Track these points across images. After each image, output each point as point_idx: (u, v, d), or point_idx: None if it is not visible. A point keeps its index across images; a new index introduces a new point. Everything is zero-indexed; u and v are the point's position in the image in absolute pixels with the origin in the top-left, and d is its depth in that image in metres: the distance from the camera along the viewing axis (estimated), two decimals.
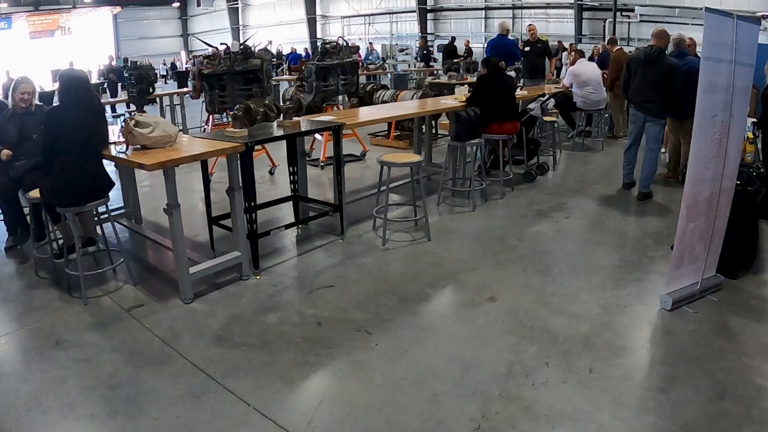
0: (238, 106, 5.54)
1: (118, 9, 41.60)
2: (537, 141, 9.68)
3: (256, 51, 8.30)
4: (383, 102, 12.03)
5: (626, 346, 4.37)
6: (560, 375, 3.99)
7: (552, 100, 9.31)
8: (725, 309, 4.87)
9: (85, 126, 4.96)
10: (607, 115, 12.77)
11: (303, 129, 6.00)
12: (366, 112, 7.94)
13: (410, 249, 6.31)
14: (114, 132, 5.51)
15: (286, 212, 7.23)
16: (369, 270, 5.76)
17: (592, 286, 5.34)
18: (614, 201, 8.08)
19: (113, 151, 5.10)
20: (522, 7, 31.63)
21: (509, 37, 11.95)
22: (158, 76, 29.80)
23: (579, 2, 29.05)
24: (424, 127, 9.04)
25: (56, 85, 6.30)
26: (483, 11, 33.82)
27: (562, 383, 3.90)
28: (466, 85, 10.27)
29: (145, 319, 4.82)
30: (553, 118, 9.91)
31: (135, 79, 11.39)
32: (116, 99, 12.80)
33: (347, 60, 10.14)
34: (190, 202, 6.65)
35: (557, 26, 29.62)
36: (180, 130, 5.37)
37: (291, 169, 6.70)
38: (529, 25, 13.29)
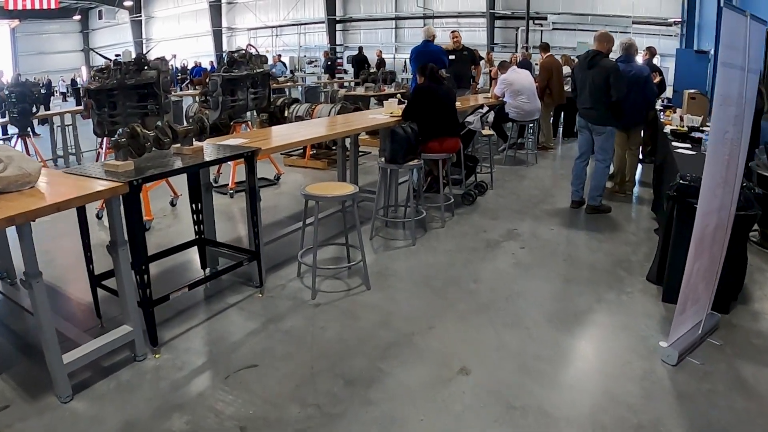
0: (120, 130, 4.21)
1: (16, 22, 39.67)
2: (475, 158, 8.67)
3: (151, 61, 6.95)
4: (298, 118, 10.87)
5: (643, 424, 3.49)
6: None
7: (492, 112, 8.30)
8: (730, 354, 4.26)
9: None
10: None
11: (207, 158, 4.65)
12: (284, 132, 6.69)
13: (347, 303, 5.11)
14: None
15: (191, 258, 5.89)
16: (300, 338, 4.51)
17: (578, 340, 4.55)
18: (567, 222, 7.45)
19: None
20: (433, 17, 31.40)
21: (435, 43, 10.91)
22: (57, 93, 28.26)
23: (491, 11, 29.04)
24: (347, 144, 7.83)
25: None
26: (393, 21, 33.48)
27: None
28: (397, 97, 9.19)
29: (8, 431, 3.46)
30: (491, 132, 8.92)
31: (16, 98, 9.80)
32: None
33: (258, 71, 8.87)
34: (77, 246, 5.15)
35: (469, 35, 29.12)
36: (67, 155, 3.99)
37: (194, 206, 5.37)
38: (453, 31, 12.35)
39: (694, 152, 6.45)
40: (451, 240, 6.67)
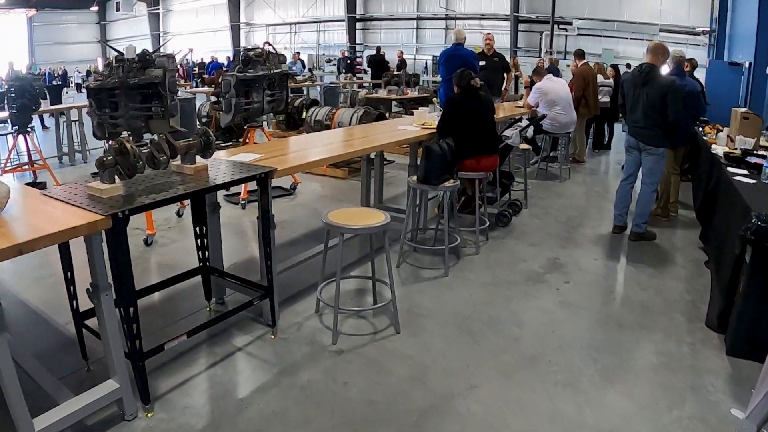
0: (106, 146, 3.49)
1: (33, 12, 39.32)
2: (510, 175, 7.93)
3: (156, 58, 6.24)
4: (316, 122, 10.17)
5: None
6: None
7: (531, 126, 7.57)
8: None
9: None
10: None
11: (213, 180, 3.89)
12: (303, 145, 5.96)
13: (374, 350, 4.36)
14: None
15: (193, 284, 5.05)
16: (319, 397, 3.77)
17: (641, 406, 3.77)
18: (611, 251, 6.76)
19: None
20: (456, 18, 30.71)
21: (465, 46, 10.13)
22: (73, 83, 27.71)
23: (515, 14, 28.29)
24: (372, 156, 7.09)
25: None
26: (415, 21, 32.78)
27: None
28: (434, 102, 8.46)
29: None
30: (527, 146, 8.18)
31: (15, 93, 9.08)
32: None
33: (275, 71, 8.14)
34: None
35: (499, 39, 28.62)
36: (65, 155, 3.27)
37: (198, 229, 4.64)
38: (487, 35, 11.52)
39: (753, 180, 5.69)
40: (488, 270, 5.94)
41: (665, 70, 7.06)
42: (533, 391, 3.89)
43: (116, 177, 3.45)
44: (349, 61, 24.06)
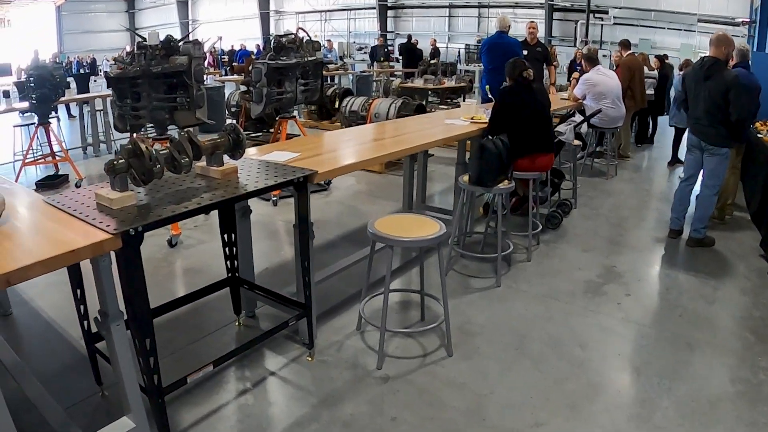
0: (118, 148, 2.98)
1: (61, 0, 39.17)
2: (561, 173, 7.35)
3: (182, 45, 5.77)
4: (352, 113, 9.69)
5: None
6: None
7: (586, 123, 7.01)
8: None
9: None
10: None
11: (243, 186, 3.34)
12: (342, 142, 5.40)
13: (424, 377, 3.85)
14: None
15: (221, 297, 4.51)
16: None
17: None
18: (670, 258, 6.24)
19: None
20: (489, 6, 30.29)
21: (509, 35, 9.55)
22: (101, 72, 27.48)
23: (550, 2, 27.68)
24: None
25: None
26: (447, 9, 32.36)
27: None
28: (476, 101, 7.94)
29: None
30: (578, 143, 7.61)
31: (35, 82, 8.68)
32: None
33: (309, 59, 7.64)
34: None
35: (524, 27, 28.07)
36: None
37: (226, 237, 4.14)
38: (530, 23, 10.85)
39: None
40: (542, 280, 5.40)
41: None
42: (604, 429, 3.38)
43: (130, 183, 2.95)
44: (386, 49, 23.42)
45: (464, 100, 13.17)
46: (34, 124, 9.22)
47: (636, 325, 4.63)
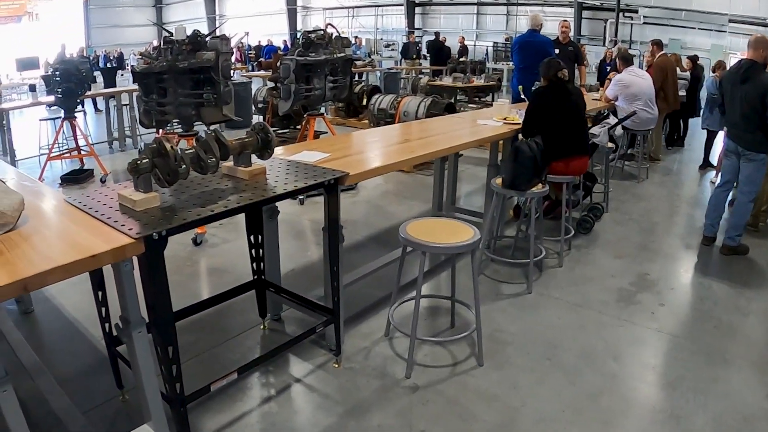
0: (141, 146, 2.87)
1: None
2: (594, 176, 7.19)
3: (209, 40, 5.68)
4: (380, 111, 9.57)
5: None
6: None
7: (620, 125, 6.85)
8: None
9: None
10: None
11: (271, 188, 3.21)
12: (374, 141, 5.24)
13: (454, 388, 3.71)
14: None
15: (246, 299, 4.37)
16: None
17: None
18: (703, 266, 6.05)
19: None
20: (517, 4, 29.92)
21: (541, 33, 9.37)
22: (129, 66, 27.62)
23: (579, 0, 27.32)
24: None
25: None
26: (475, 6, 32.10)
27: None
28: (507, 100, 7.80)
29: None
30: (611, 145, 7.43)
31: (60, 76, 8.66)
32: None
33: (338, 55, 7.54)
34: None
35: (554, 25, 27.72)
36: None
37: (252, 239, 4.03)
38: (563, 21, 10.67)
39: None
40: (574, 287, 5.25)
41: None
42: None
43: (154, 183, 2.84)
44: (419, 47, 23.15)
45: (495, 100, 13.02)
46: (59, 118, 9.20)
47: (670, 337, 4.47)
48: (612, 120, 6.86)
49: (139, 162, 2.73)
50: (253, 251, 4.06)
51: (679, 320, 4.79)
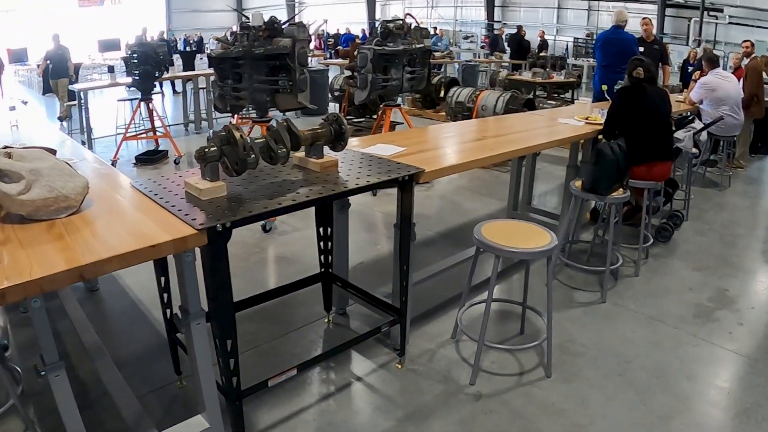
0: (210, 134, 2.80)
1: None
2: (675, 182, 6.90)
3: (285, 27, 5.62)
4: (458, 104, 9.41)
5: None
6: None
7: (706, 131, 6.56)
8: None
9: None
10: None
11: (344, 182, 3.09)
12: (451, 136, 5.10)
13: (519, 398, 3.56)
14: None
15: (312, 290, 4.34)
16: None
17: None
18: None
19: None
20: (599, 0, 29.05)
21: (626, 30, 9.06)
22: (208, 50, 28.07)
23: None
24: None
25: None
26: (556, 0, 31.43)
27: None
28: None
29: None
30: (696, 151, 7.12)
31: (138, 59, 8.79)
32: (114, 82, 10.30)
33: (417, 46, 7.41)
34: None
35: (636, 23, 27.10)
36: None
37: (321, 231, 3.94)
38: (644, 19, 10.30)
39: None
40: (651, 300, 5.00)
41: None
42: None
43: (222, 172, 2.76)
44: (518, 41, 22.34)
45: (576, 98, 12.72)
46: (137, 99, 9.33)
47: (748, 360, 4.21)
48: (697, 124, 6.56)
49: (206, 150, 2.65)
50: (321, 243, 3.98)
51: (758, 343, 4.50)
